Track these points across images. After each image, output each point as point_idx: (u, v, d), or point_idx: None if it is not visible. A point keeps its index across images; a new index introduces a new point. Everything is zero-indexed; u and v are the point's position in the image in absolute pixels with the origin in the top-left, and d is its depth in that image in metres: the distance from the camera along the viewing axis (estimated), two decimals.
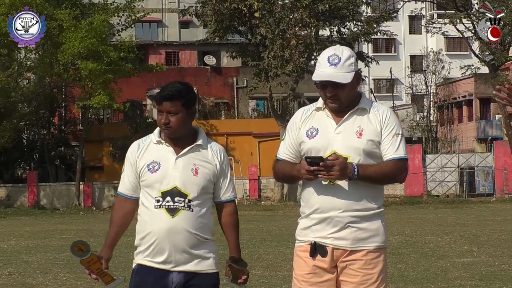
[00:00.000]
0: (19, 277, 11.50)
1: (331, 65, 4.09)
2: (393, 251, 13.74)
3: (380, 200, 4.20)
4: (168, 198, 4.22)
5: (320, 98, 4.23)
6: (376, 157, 4.14)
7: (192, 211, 4.23)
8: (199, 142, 4.33)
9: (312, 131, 4.18)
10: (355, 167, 4.02)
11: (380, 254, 4.18)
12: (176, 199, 4.22)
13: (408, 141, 47.29)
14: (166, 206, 4.22)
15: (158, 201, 4.24)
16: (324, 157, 4.02)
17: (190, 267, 4.24)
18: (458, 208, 31.36)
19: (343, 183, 4.08)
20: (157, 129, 4.38)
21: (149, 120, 40.08)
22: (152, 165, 4.27)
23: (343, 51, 4.14)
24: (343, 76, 4.08)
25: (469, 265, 11.63)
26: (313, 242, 4.14)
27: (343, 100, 4.13)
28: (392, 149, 4.13)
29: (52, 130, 44.20)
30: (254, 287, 9.88)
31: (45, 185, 38.50)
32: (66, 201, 37.45)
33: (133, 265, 4.37)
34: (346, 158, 4.05)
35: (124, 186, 4.39)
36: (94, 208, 36.32)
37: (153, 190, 4.25)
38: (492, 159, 39.50)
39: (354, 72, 4.12)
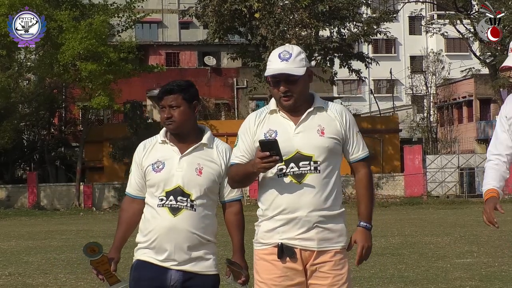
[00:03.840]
0: (19, 277, 11.50)
1: (283, 60, 4.07)
2: (393, 252, 13.74)
3: (340, 199, 4.20)
4: (171, 198, 4.22)
5: (272, 101, 4.20)
6: (337, 154, 4.16)
7: (195, 211, 4.22)
8: (204, 141, 4.31)
9: (271, 133, 4.12)
10: (368, 226, 4.18)
11: (345, 255, 4.20)
12: (179, 198, 4.22)
13: (408, 141, 47.30)
14: (169, 205, 4.22)
15: (161, 200, 4.24)
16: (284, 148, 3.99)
17: (189, 267, 4.24)
18: (458, 208, 31.32)
19: (311, 182, 4.06)
20: (163, 129, 4.38)
21: (149, 120, 40.07)
22: (157, 165, 4.28)
23: (293, 48, 4.14)
24: (296, 69, 4.06)
25: (469, 265, 11.62)
26: (279, 243, 4.07)
27: (296, 96, 4.09)
28: (358, 149, 4.20)
29: (52, 130, 44.21)
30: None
31: (45, 185, 38.50)
32: (66, 202, 37.43)
33: (133, 261, 4.37)
34: (369, 247, 4.15)
35: (131, 186, 4.41)
36: (94, 208, 36.29)
37: (158, 189, 4.26)
38: None
39: (306, 68, 4.11)
